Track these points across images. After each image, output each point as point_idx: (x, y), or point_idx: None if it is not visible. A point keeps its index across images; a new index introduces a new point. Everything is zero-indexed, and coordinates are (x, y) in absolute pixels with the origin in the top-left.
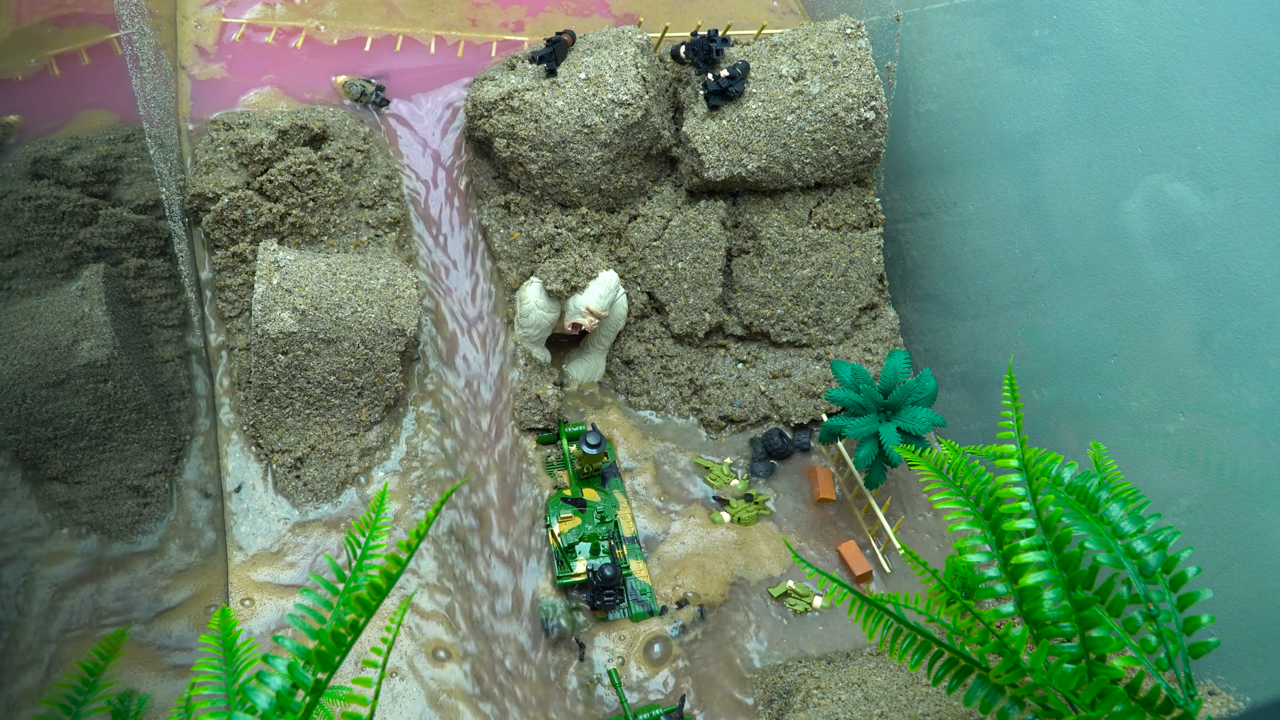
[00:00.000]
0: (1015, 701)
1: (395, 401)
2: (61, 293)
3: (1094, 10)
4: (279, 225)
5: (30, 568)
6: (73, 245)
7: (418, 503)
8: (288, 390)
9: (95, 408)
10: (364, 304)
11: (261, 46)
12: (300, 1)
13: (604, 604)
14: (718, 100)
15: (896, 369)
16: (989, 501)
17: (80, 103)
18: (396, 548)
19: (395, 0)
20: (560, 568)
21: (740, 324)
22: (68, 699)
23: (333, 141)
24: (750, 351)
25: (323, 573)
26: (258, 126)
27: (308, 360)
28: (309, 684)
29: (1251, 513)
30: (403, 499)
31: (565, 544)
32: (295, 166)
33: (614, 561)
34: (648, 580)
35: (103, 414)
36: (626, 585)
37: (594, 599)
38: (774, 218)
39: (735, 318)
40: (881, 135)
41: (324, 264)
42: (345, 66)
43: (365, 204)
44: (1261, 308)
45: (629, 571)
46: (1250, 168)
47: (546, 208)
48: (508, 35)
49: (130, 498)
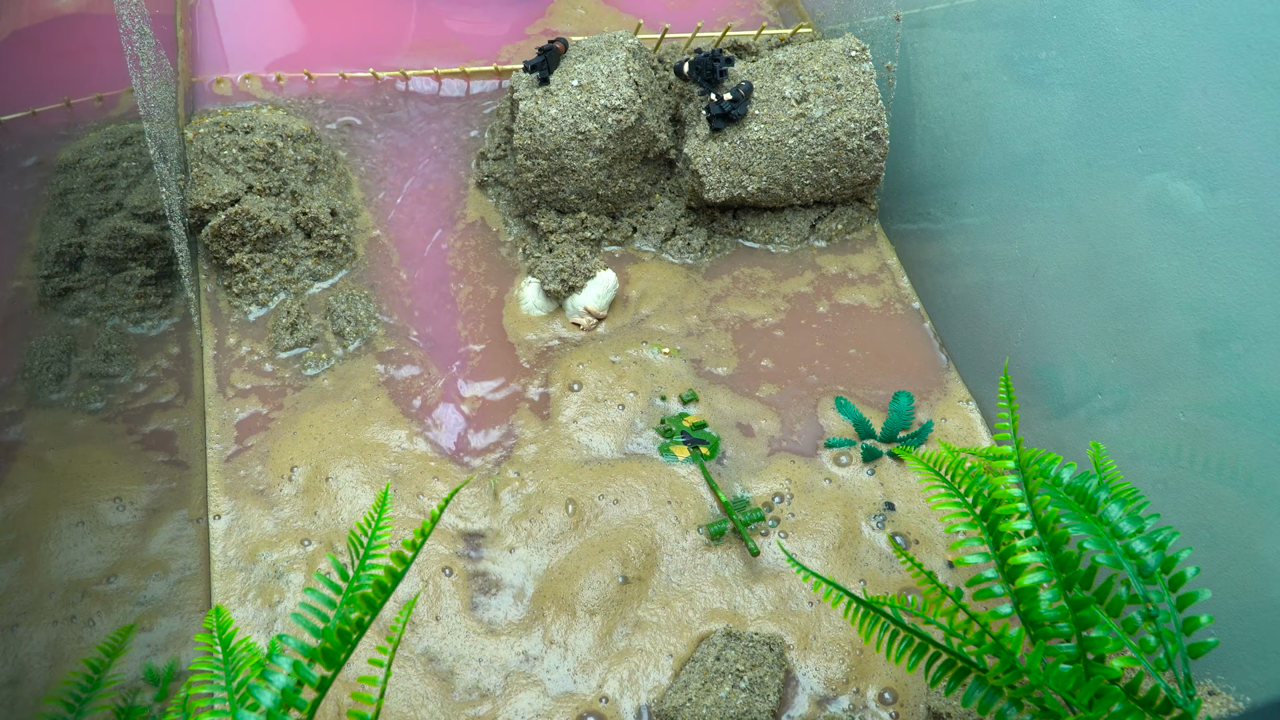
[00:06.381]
0: (1013, 702)
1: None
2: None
3: (1095, 11)
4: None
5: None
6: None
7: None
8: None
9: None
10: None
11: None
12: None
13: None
14: (720, 124)
15: (901, 412)
16: (986, 502)
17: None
18: (401, 546)
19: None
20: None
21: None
22: (72, 696)
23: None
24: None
25: (327, 573)
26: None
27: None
28: (314, 680)
29: (1251, 513)
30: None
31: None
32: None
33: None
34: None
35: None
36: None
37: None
38: (772, 229)
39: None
40: (881, 160)
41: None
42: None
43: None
44: (1262, 308)
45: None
46: (1251, 168)
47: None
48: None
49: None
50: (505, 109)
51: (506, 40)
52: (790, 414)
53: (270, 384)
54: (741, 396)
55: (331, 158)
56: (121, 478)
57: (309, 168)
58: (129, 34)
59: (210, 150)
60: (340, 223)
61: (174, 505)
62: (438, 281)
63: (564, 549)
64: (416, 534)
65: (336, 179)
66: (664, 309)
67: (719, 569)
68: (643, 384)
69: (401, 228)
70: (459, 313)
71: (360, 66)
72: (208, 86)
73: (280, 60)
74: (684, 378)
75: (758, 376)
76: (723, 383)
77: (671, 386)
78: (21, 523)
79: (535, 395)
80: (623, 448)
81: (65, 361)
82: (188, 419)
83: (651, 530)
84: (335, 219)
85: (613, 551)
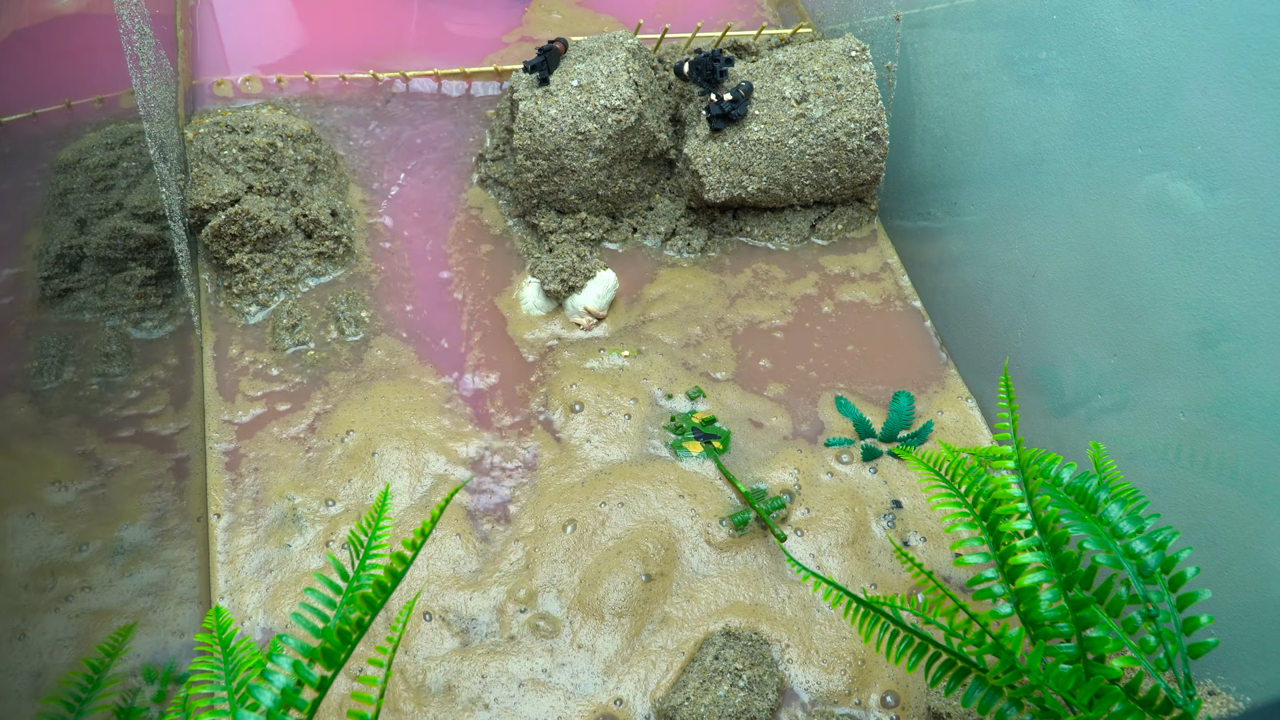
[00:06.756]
0: (1013, 702)
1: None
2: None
3: (1095, 11)
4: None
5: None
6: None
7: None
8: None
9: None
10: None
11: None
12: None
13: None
14: (720, 124)
15: (901, 412)
16: (986, 502)
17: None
18: (401, 545)
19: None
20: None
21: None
22: (71, 696)
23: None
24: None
25: (327, 572)
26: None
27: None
28: (314, 680)
29: (1251, 513)
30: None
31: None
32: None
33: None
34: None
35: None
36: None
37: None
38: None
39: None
40: (881, 160)
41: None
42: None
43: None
44: (1262, 308)
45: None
46: (1251, 168)
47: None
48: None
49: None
50: (505, 109)
51: (488, 48)
52: (797, 411)
53: (273, 386)
54: (748, 394)
55: (331, 158)
56: (122, 478)
57: (309, 168)
58: (129, 34)
59: (210, 150)
60: (340, 223)
61: (174, 504)
62: (438, 282)
63: (584, 558)
64: (417, 534)
65: (336, 179)
66: (675, 315)
67: (747, 561)
68: (639, 389)
69: (401, 228)
70: (459, 313)
71: (360, 67)
72: (208, 88)
73: (280, 61)
74: (679, 379)
75: (759, 376)
76: (723, 384)
77: (670, 386)
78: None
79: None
80: (639, 451)
81: (65, 362)
82: (187, 417)
83: (668, 526)
84: (336, 220)
85: (631, 551)
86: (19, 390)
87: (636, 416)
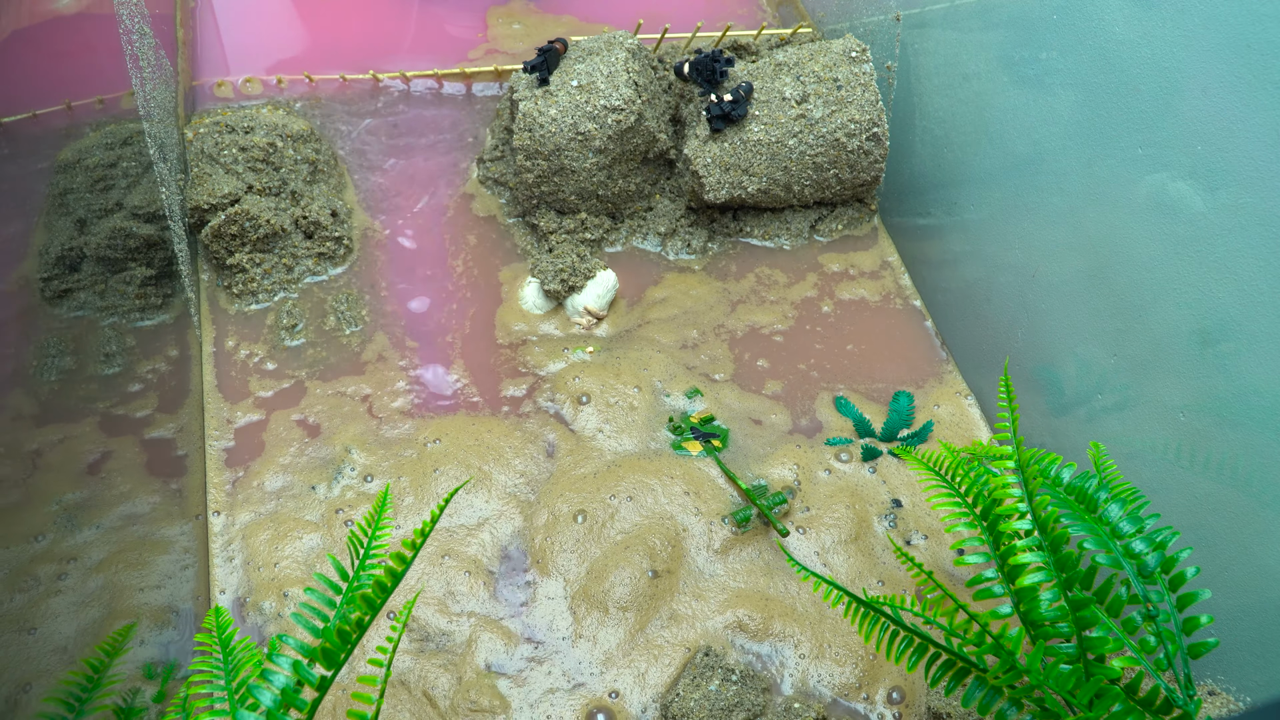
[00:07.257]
0: (1013, 702)
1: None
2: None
3: (1095, 11)
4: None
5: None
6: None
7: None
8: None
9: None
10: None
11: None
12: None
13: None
14: (720, 124)
15: (901, 412)
16: (986, 502)
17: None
18: (401, 546)
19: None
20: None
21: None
22: (72, 696)
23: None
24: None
25: (327, 572)
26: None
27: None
28: (314, 680)
29: (1251, 513)
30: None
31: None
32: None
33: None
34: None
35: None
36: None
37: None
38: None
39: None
40: (882, 161)
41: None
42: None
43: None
44: (1262, 307)
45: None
46: (1251, 168)
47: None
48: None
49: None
50: (505, 109)
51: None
52: (796, 407)
53: (273, 384)
54: (746, 393)
55: (331, 158)
56: (121, 476)
57: (309, 168)
58: (129, 34)
59: (210, 150)
60: (340, 223)
61: (173, 503)
62: (438, 281)
63: (591, 552)
64: (417, 534)
65: (336, 179)
66: (675, 319)
67: (753, 557)
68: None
69: (401, 228)
70: (459, 313)
71: (360, 68)
72: (209, 88)
73: (281, 62)
74: (679, 377)
75: (757, 376)
76: (722, 384)
77: (669, 385)
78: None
79: (548, 409)
80: (647, 445)
81: (64, 361)
82: (186, 417)
83: (674, 522)
84: (336, 220)
85: (638, 546)
86: (19, 389)
87: (642, 405)
